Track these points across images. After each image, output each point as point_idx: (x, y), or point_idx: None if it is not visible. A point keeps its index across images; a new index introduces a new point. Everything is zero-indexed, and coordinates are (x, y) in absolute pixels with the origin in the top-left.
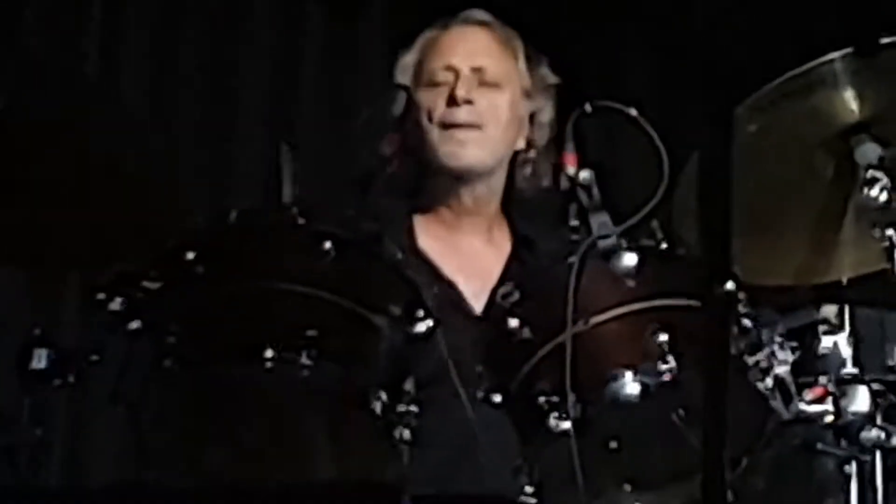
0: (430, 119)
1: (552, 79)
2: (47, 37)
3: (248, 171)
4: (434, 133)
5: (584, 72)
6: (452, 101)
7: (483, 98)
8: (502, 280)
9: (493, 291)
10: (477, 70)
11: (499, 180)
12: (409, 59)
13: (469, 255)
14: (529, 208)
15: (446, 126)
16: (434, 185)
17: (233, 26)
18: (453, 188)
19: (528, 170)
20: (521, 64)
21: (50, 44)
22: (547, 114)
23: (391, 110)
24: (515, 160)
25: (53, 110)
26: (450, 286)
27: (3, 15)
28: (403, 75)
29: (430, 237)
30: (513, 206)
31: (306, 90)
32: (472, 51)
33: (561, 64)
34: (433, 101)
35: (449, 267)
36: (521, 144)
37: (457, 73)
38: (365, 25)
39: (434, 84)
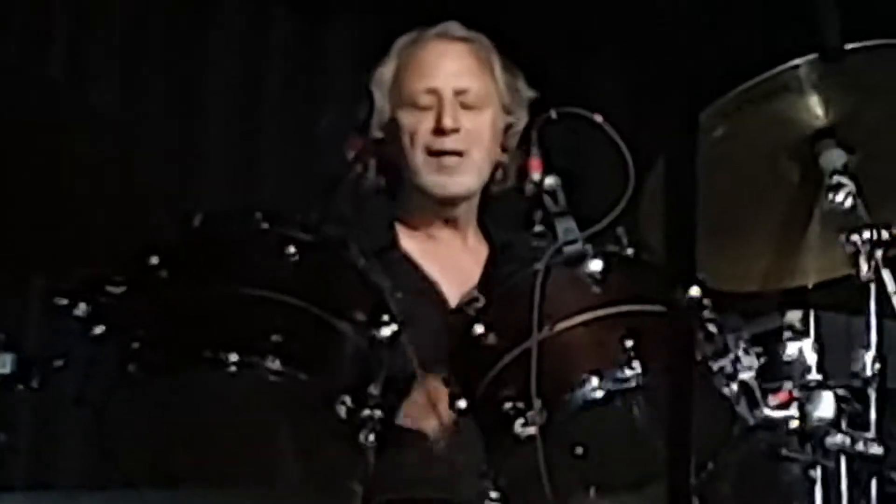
0: (413, 143)
1: (529, 93)
2: (12, 40)
3: (213, 175)
4: (419, 158)
5: (549, 77)
6: (439, 131)
7: (467, 122)
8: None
9: (462, 299)
10: (460, 92)
11: (478, 196)
12: (386, 72)
13: (448, 259)
14: (501, 211)
15: (432, 153)
16: (415, 202)
17: (199, 29)
18: (436, 209)
19: (498, 174)
20: (501, 81)
21: (14, 47)
22: (522, 123)
23: (356, 113)
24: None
25: (17, 113)
26: (432, 286)
27: None
28: (380, 87)
29: (409, 239)
30: (487, 211)
31: (272, 93)
32: (455, 71)
33: (526, 70)
34: (416, 124)
35: (430, 268)
36: (497, 155)
37: (440, 97)
38: (331, 27)
39: (416, 106)
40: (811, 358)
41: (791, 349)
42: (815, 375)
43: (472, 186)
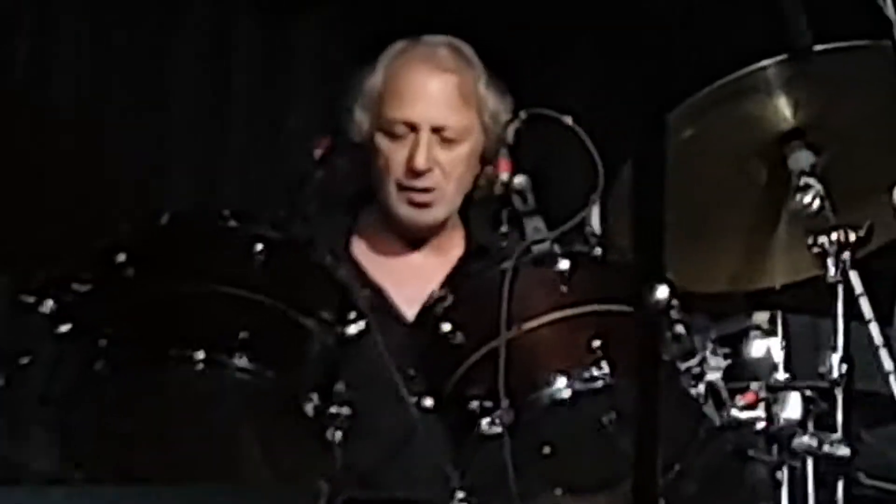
0: (387, 170)
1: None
2: None
3: (180, 173)
4: (391, 189)
5: (519, 78)
6: (411, 171)
7: (443, 156)
8: (443, 286)
9: (430, 297)
10: (438, 129)
11: (455, 215)
12: (374, 83)
13: (404, 261)
14: (481, 213)
15: (403, 188)
16: (381, 219)
17: (165, 28)
18: (407, 232)
19: (481, 180)
20: (486, 113)
21: None
22: (506, 136)
23: (325, 112)
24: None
25: None
26: (377, 292)
27: None
28: (363, 98)
29: (365, 242)
30: (469, 212)
31: (239, 92)
32: (435, 107)
33: (499, 70)
34: (391, 153)
35: (378, 272)
36: (475, 173)
37: (416, 133)
38: (299, 25)
39: (393, 134)
40: (778, 356)
41: (758, 347)
42: (782, 374)
43: (442, 216)
